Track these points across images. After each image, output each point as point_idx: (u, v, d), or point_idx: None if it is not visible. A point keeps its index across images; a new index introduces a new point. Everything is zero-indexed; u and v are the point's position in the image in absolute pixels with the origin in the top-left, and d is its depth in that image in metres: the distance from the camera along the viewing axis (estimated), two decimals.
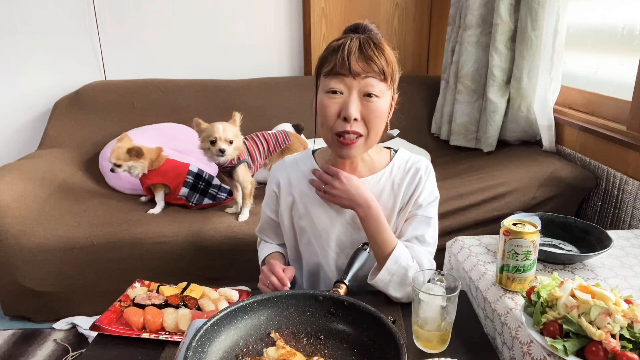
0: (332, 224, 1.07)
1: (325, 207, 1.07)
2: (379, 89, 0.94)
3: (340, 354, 0.78)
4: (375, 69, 0.92)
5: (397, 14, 2.76)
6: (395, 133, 2.47)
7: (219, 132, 1.72)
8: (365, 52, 0.92)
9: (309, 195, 1.08)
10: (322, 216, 1.07)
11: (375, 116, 0.94)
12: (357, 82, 0.92)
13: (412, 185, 1.05)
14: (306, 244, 1.12)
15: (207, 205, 1.99)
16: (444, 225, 1.82)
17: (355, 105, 0.93)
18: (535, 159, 2.04)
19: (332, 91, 0.93)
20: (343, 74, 0.92)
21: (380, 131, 0.98)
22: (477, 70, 2.29)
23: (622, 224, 1.77)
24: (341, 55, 0.91)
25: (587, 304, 0.75)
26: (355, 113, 0.92)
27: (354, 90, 0.93)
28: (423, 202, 1.05)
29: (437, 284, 0.87)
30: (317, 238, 1.09)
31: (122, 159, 1.91)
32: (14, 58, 2.55)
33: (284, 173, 1.12)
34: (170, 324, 0.93)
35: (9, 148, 2.64)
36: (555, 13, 1.93)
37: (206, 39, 2.71)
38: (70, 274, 1.82)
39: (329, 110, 0.94)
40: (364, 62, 0.92)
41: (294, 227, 1.13)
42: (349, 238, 1.08)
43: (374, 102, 0.94)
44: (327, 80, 0.94)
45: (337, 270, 1.12)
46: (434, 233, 1.07)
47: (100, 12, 2.57)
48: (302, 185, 1.09)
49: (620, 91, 1.86)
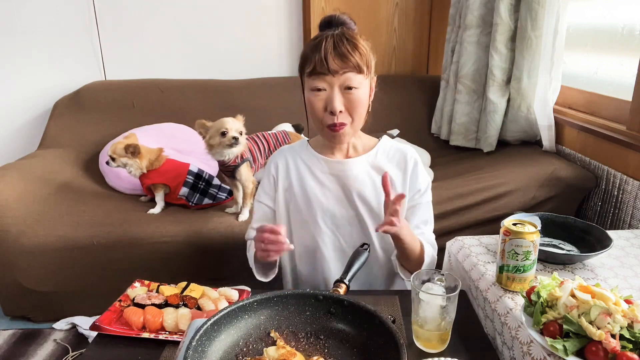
0: (327, 201, 1.16)
1: (321, 186, 1.16)
2: (357, 81, 1.05)
3: (340, 353, 0.78)
4: (351, 64, 1.03)
5: (397, 14, 2.76)
6: (395, 133, 2.47)
7: (229, 124, 1.73)
8: (340, 50, 1.03)
9: (304, 176, 1.18)
10: (317, 194, 1.16)
11: (357, 105, 1.06)
12: (336, 79, 1.04)
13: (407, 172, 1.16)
14: (300, 225, 1.18)
15: (207, 205, 1.99)
16: (444, 225, 1.82)
17: (338, 100, 1.04)
18: (535, 159, 2.04)
19: (316, 89, 1.05)
20: (323, 73, 1.03)
21: (363, 115, 1.10)
22: (477, 70, 2.29)
23: (622, 224, 1.77)
24: (319, 57, 1.03)
25: (587, 304, 0.75)
26: (340, 106, 1.05)
27: (335, 86, 1.04)
28: (421, 187, 1.17)
29: (437, 283, 0.87)
30: (312, 216, 1.16)
31: (117, 154, 1.91)
32: (14, 58, 2.55)
33: (282, 158, 1.22)
34: (170, 323, 0.93)
35: (9, 148, 2.64)
36: (555, 13, 1.93)
37: (206, 39, 2.71)
38: (70, 274, 1.82)
39: (316, 106, 1.07)
40: (339, 59, 1.03)
41: (289, 210, 1.20)
42: (343, 214, 1.16)
43: (354, 94, 1.05)
44: (310, 80, 1.06)
45: (334, 250, 1.17)
46: (431, 213, 1.21)
47: (100, 12, 2.57)
48: (298, 168, 1.19)
49: (620, 91, 1.86)
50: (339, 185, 1.16)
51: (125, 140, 1.96)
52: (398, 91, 2.61)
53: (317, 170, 1.17)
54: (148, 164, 1.95)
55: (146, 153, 1.95)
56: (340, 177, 1.15)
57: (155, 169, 1.97)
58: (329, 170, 1.16)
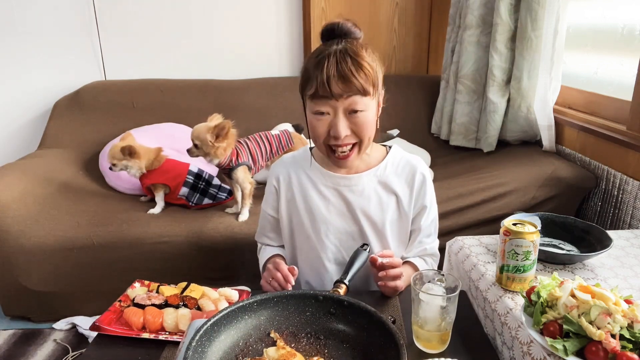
0: (330, 216, 1.12)
1: (324, 201, 1.12)
2: (363, 104, 0.98)
3: (340, 354, 0.78)
4: (355, 88, 0.95)
5: (397, 14, 2.76)
6: (395, 133, 2.47)
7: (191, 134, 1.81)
8: (344, 73, 0.94)
9: (307, 190, 1.13)
10: (321, 209, 1.12)
11: (363, 128, 1.00)
12: (340, 103, 0.96)
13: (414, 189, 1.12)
14: (304, 239, 1.15)
15: (207, 205, 1.99)
16: (444, 225, 1.82)
17: (342, 125, 0.98)
18: (535, 159, 2.04)
19: (319, 113, 0.99)
20: (326, 96, 0.96)
21: (371, 135, 1.03)
22: (477, 70, 2.29)
23: (622, 224, 1.77)
24: (321, 79, 0.95)
25: (587, 304, 0.75)
26: (345, 131, 0.98)
27: (339, 110, 0.97)
28: (427, 204, 1.14)
29: (437, 284, 0.87)
30: (316, 231, 1.12)
31: (117, 158, 1.91)
32: (14, 58, 2.55)
33: (283, 169, 1.17)
34: (170, 324, 0.93)
35: (9, 148, 2.64)
36: (555, 13, 1.93)
37: (206, 39, 2.71)
38: (70, 274, 1.82)
39: (318, 130, 1.00)
40: (343, 83, 0.95)
41: (292, 223, 1.16)
42: (347, 229, 1.13)
43: (360, 117, 0.98)
44: (312, 103, 0.99)
45: (336, 264, 1.15)
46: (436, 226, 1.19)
47: (100, 12, 2.57)
48: (301, 181, 1.14)
49: (620, 91, 1.86)
50: (342, 200, 1.12)
51: (121, 142, 1.95)
52: (398, 91, 2.61)
53: (320, 184, 1.12)
54: (147, 164, 1.95)
55: (144, 153, 1.95)
56: (344, 192, 1.11)
57: (155, 168, 1.96)
58: (333, 185, 1.12)
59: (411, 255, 1.16)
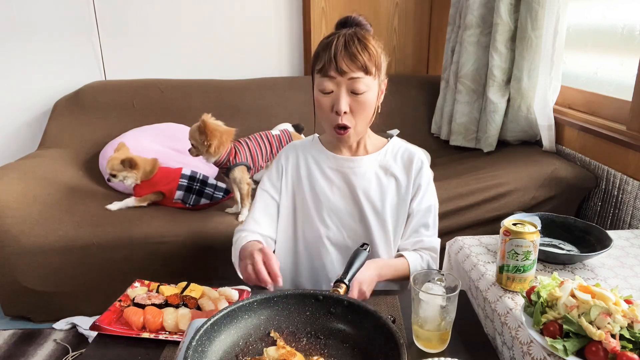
0: (334, 196, 1.18)
1: (328, 182, 1.19)
2: (365, 84, 1.07)
3: (340, 353, 0.78)
4: (359, 64, 1.05)
5: (397, 14, 2.76)
6: (395, 133, 2.47)
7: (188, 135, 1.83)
8: (350, 50, 1.05)
9: (313, 171, 1.20)
10: (325, 189, 1.18)
11: (362, 108, 1.09)
12: (344, 80, 1.06)
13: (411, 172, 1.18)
14: (306, 219, 1.20)
15: (206, 205, 1.99)
16: (444, 225, 1.81)
17: (344, 101, 1.07)
18: (535, 159, 2.04)
19: (324, 91, 1.08)
20: (332, 76, 1.05)
21: (368, 118, 1.12)
22: (477, 70, 2.29)
23: (622, 224, 1.77)
24: (329, 55, 1.05)
25: (587, 304, 0.75)
26: (345, 107, 1.07)
27: (343, 87, 1.07)
28: (422, 183, 1.19)
29: (437, 283, 0.87)
30: (319, 211, 1.18)
31: (117, 170, 1.93)
32: (14, 58, 2.55)
33: (293, 151, 1.24)
34: (170, 323, 0.93)
35: (9, 148, 2.64)
36: (555, 13, 1.93)
37: (206, 39, 2.71)
38: (70, 274, 1.82)
39: (323, 106, 1.10)
40: (349, 59, 1.05)
41: (295, 202, 1.22)
42: (348, 210, 1.19)
43: (361, 97, 1.07)
44: (319, 80, 1.09)
45: (337, 246, 1.19)
46: (435, 217, 1.21)
47: (100, 12, 2.57)
48: (308, 162, 1.21)
49: (620, 91, 1.86)
50: (345, 181, 1.18)
51: (118, 154, 1.97)
52: (398, 91, 2.61)
53: (325, 166, 1.20)
54: (143, 175, 1.96)
55: (142, 164, 1.97)
56: (347, 174, 1.18)
57: (148, 179, 1.97)
58: (336, 167, 1.19)
59: (408, 244, 1.19)
